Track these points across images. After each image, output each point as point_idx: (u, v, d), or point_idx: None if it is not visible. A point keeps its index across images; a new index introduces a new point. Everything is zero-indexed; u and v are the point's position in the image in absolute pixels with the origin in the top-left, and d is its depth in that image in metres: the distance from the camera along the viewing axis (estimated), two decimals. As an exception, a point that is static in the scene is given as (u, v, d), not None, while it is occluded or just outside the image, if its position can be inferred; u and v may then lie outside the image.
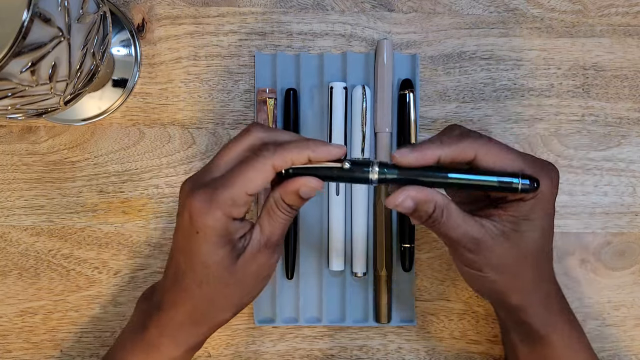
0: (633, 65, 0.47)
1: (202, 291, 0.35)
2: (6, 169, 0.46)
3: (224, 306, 0.36)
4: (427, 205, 0.34)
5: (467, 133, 0.35)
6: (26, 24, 0.30)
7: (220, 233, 0.33)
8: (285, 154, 0.33)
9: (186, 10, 0.46)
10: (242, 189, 0.32)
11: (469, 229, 0.34)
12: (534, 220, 0.34)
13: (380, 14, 0.47)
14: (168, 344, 0.36)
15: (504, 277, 0.36)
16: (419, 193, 0.34)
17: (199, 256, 0.34)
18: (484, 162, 0.34)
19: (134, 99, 0.46)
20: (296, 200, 0.34)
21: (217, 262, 0.34)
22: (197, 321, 0.36)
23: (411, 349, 0.47)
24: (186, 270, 0.35)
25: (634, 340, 0.47)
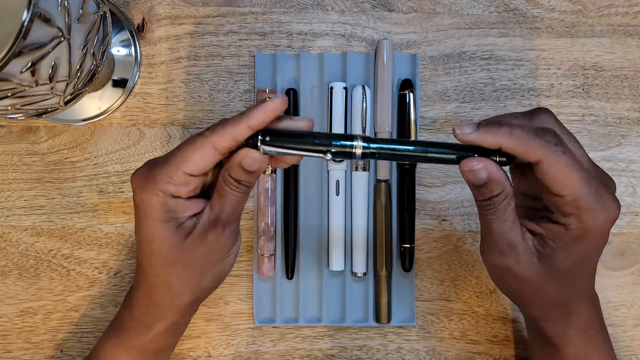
0: (633, 65, 0.47)
1: (153, 269, 0.35)
2: (6, 169, 0.46)
3: (179, 288, 0.36)
4: (497, 187, 0.32)
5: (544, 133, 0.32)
6: (26, 24, 0.30)
7: (159, 209, 0.33)
8: (223, 130, 0.32)
9: (186, 10, 0.46)
10: (179, 167, 0.32)
11: (511, 232, 0.33)
12: (572, 252, 0.33)
13: (380, 14, 0.47)
14: (136, 327, 0.37)
15: (526, 289, 0.35)
16: (497, 171, 0.32)
17: (142, 231, 0.34)
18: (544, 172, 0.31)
19: (134, 99, 0.46)
20: (242, 174, 0.33)
21: (160, 237, 0.33)
22: (157, 303, 0.36)
23: (411, 349, 0.47)
24: (139, 249, 0.35)
25: (634, 340, 0.47)
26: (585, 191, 0.31)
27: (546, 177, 0.31)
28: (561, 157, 0.31)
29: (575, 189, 0.31)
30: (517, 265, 0.33)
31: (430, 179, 0.47)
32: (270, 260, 0.45)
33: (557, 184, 0.31)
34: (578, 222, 0.32)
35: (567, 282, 0.35)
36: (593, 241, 0.33)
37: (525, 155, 0.31)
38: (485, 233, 0.34)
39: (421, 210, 0.47)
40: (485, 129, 0.31)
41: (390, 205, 0.46)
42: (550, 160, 0.31)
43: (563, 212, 0.32)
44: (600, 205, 0.32)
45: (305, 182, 0.46)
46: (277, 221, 0.46)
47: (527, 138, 0.31)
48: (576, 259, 0.33)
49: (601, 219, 0.32)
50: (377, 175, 0.46)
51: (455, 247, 0.47)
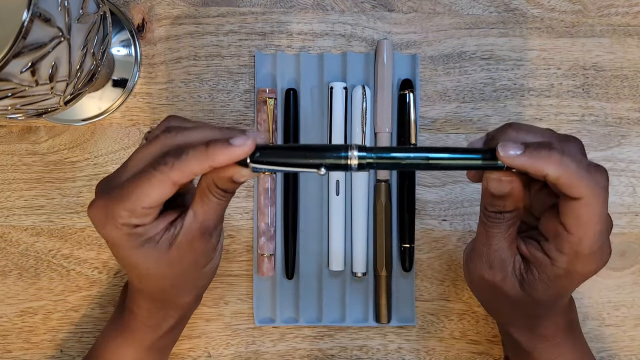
0: (633, 65, 0.47)
1: (147, 284, 0.35)
2: (6, 169, 0.46)
3: (178, 292, 0.36)
4: (513, 204, 0.31)
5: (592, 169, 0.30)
6: (26, 24, 0.30)
7: (128, 239, 0.32)
8: (184, 167, 0.30)
9: (186, 10, 0.46)
10: (138, 203, 0.30)
11: (507, 250, 0.33)
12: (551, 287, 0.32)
13: (380, 14, 0.47)
14: (142, 328, 0.37)
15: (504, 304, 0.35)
16: (520, 189, 0.31)
17: (122, 260, 0.33)
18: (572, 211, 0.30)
19: (134, 99, 0.46)
20: (230, 185, 0.32)
21: (142, 261, 0.33)
22: (160, 307, 0.37)
23: (411, 349, 0.47)
24: (128, 272, 0.35)
25: (634, 340, 0.47)
26: (591, 240, 0.30)
27: (572, 214, 0.30)
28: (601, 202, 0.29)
29: (587, 236, 0.30)
30: (503, 282, 0.33)
31: (430, 179, 0.47)
32: (270, 260, 0.45)
33: (576, 224, 0.30)
34: (567, 264, 0.31)
35: (542, 305, 0.35)
36: (574, 282, 0.33)
37: (566, 189, 0.29)
38: (481, 243, 0.34)
39: (421, 210, 0.47)
40: (534, 153, 0.29)
41: (390, 205, 0.46)
42: (590, 202, 0.29)
43: (560, 248, 0.31)
44: (595, 256, 0.31)
45: (305, 182, 0.46)
46: (277, 221, 0.46)
47: (577, 172, 0.29)
48: (555, 293, 0.33)
49: (590, 268, 0.32)
50: (377, 175, 0.46)
51: (455, 247, 0.47)
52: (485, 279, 0.34)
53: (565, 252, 0.31)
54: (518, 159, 0.29)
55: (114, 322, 0.40)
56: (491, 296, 0.36)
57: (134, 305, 0.37)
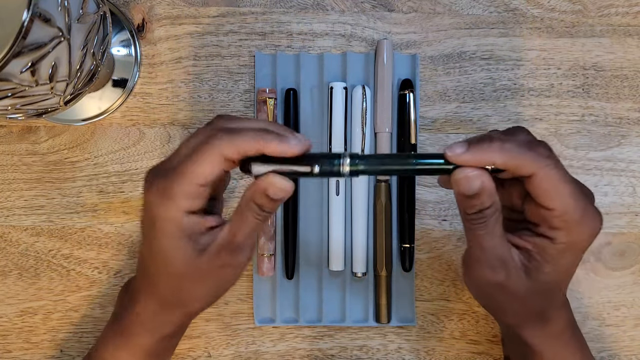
0: (633, 65, 0.47)
1: (166, 281, 0.34)
2: (6, 169, 0.46)
3: (191, 298, 0.36)
4: (489, 198, 0.31)
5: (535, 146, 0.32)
6: (26, 24, 0.30)
7: (176, 226, 0.32)
8: (236, 143, 0.31)
9: (186, 10, 0.46)
10: (193, 180, 0.31)
11: (501, 247, 0.33)
12: (558, 265, 0.33)
13: (380, 14, 0.47)
14: (142, 332, 0.37)
15: (511, 302, 0.35)
16: (491, 183, 0.31)
17: (158, 247, 0.33)
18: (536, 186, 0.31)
19: (134, 99, 0.46)
20: (267, 202, 0.32)
21: (175, 254, 0.33)
22: (167, 308, 0.36)
23: (411, 349, 0.47)
24: (149, 260, 0.35)
25: (634, 340, 0.47)
26: (573, 205, 0.31)
27: (538, 190, 0.31)
28: (553, 170, 0.31)
29: (565, 203, 0.31)
30: (508, 280, 0.33)
31: (430, 179, 0.47)
32: (270, 260, 0.45)
33: (548, 198, 0.31)
34: (565, 236, 0.32)
35: (550, 293, 0.35)
36: (577, 253, 0.33)
37: (517, 170, 0.31)
38: (474, 249, 0.34)
39: (421, 210, 0.47)
40: (476, 146, 0.31)
41: (390, 205, 0.46)
42: (543, 174, 0.31)
43: (551, 225, 0.32)
44: (586, 220, 0.32)
45: (305, 182, 0.46)
46: (277, 221, 0.46)
47: (519, 151, 0.31)
48: (560, 271, 0.34)
49: (586, 233, 0.32)
50: (377, 175, 0.46)
51: (455, 247, 0.47)
52: (491, 282, 0.34)
53: (558, 226, 0.32)
54: (464, 155, 0.31)
55: (114, 324, 0.39)
56: (499, 298, 0.35)
57: (138, 305, 0.37)
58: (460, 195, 0.32)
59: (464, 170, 0.31)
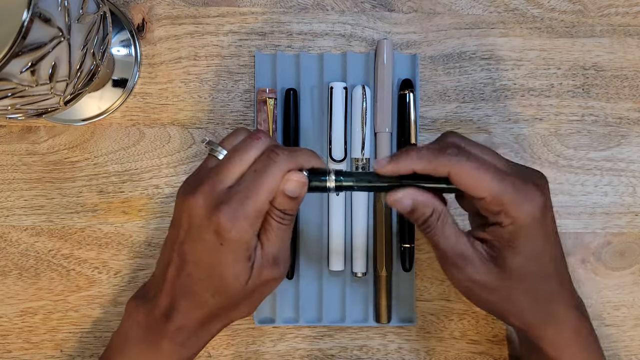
0: (633, 65, 0.47)
1: (215, 301, 0.35)
2: (6, 169, 0.46)
3: (237, 312, 0.36)
4: (425, 209, 0.34)
5: (446, 147, 0.34)
6: (26, 24, 0.30)
7: (245, 247, 0.33)
8: (298, 159, 0.34)
9: (186, 10, 0.46)
10: (266, 198, 0.33)
11: (458, 245, 0.34)
12: (516, 247, 0.34)
13: (380, 14, 0.47)
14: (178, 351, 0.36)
15: (496, 299, 0.35)
16: (420, 195, 0.34)
17: (219, 268, 0.34)
18: (456, 181, 0.33)
19: (134, 99, 0.46)
20: (286, 202, 0.34)
21: (236, 275, 0.34)
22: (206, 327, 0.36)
23: (411, 349, 0.47)
24: (200, 279, 0.34)
25: (634, 340, 0.47)
26: (501, 186, 0.33)
27: (461, 185, 0.33)
28: (465, 163, 0.33)
29: (490, 188, 0.33)
30: (476, 274, 0.34)
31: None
32: (270, 260, 0.45)
33: (471, 188, 0.33)
34: (507, 217, 0.33)
35: (530, 283, 0.35)
36: (531, 232, 0.34)
37: (436, 172, 0.33)
38: (437, 253, 0.36)
39: (421, 210, 0.47)
40: (396, 158, 0.34)
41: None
42: (456, 169, 0.33)
43: (491, 211, 0.34)
44: (522, 196, 0.33)
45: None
46: (277, 221, 0.46)
47: (431, 155, 0.33)
48: (524, 254, 0.34)
49: (528, 208, 0.33)
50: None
51: (455, 247, 0.47)
52: (464, 280, 0.35)
53: (497, 210, 0.33)
54: (387, 167, 0.34)
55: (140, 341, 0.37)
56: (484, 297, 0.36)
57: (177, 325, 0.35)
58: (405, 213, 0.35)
59: (394, 194, 0.34)
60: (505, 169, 0.34)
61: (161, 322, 0.36)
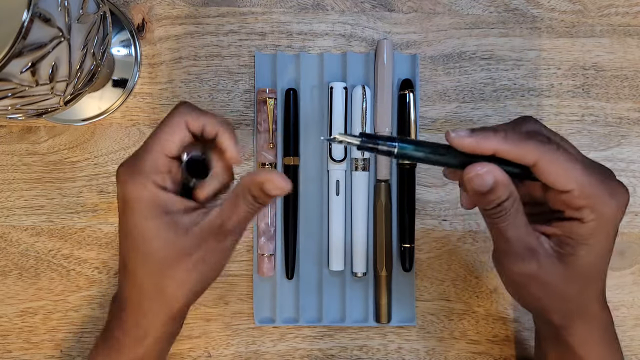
0: (633, 65, 0.47)
1: (146, 271, 0.33)
2: (6, 169, 0.46)
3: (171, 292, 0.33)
4: (505, 191, 0.31)
5: (535, 133, 0.32)
6: (26, 24, 0.30)
7: (150, 203, 0.32)
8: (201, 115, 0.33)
9: (186, 10, 0.46)
10: (161, 151, 0.32)
11: (527, 236, 0.32)
12: (592, 245, 0.32)
13: (380, 14, 0.47)
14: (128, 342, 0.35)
15: (549, 295, 0.34)
16: (503, 175, 0.31)
17: (133, 229, 0.32)
18: (544, 171, 0.31)
19: (134, 99, 0.46)
20: (262, 195, 0.32)
21: (153, 234, 0.32)
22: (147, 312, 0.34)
23: (411, 349, 0.47)
24: (127, 251, 0.33)
25: (634, 340, 0.47)
26: (589, 181, 0.31)
27: (548, 176, 0.31)
28: (556, 153, 0.31)
29: (579, 181, 0.31)
30: (540, 270, 0.33)
31: (430, 179, 0.47)
32: (270, 260, 0.45)
33: (560, 180, 0.31)
34: (592, 213, 0.32)
35: (587, 282, 0.34)
36: (609, 230, 0.33)
37: (521, 158, 0.31)
38: (500, 242, 0.33)
39: (421, 210, 0.47)
40: (480, 133, 0.31)
41: (390, 205, 0.46)
42: (546, 158, 0.31)
43: (575, 206, 0.32)
44: (609, 192, 0.32)
45: (305, 182, 0.46)
46: (277, 221, 0.46)
47: (520, 140, 0.31)
48: (596, 252, 0.33)
49: (613, 205, 0.32)
50: (377, 175, 0.46)
51: (455, 247, 0.47)
52: (523, 274, 0.33)
53: (582, 205, 0.32)
54: (466, 139, 0.31)
55: (104, 334, 0.37)
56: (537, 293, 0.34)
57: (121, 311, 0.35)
58: (475, 193, 0.32)
59: (474, 167, 0.31)
60: (589, 164, 0.33)
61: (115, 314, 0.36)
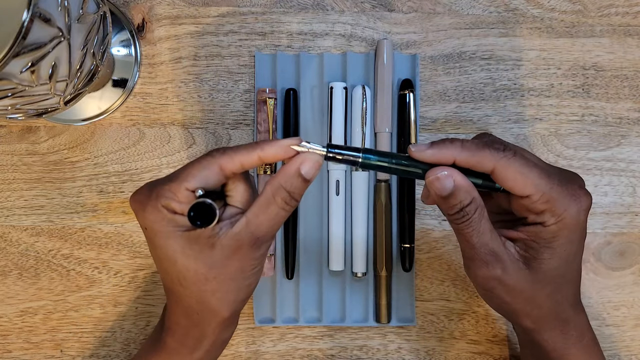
0: (633, 65, 0.47)
1: (186, 290, 0.33)
2: (6, 169, 0.46)
3: (217, 304, 0.34)
4: (466, 195, 0.32)
5: (492, 143, 0.33)
6: (26, 24, 0.30)
7: (167, 224, 0.31)
8: (234, 155, 0.32)
9: (186, 10, 0.46)
10: (182, 183, 0.31)
11: (491, 242, 0.33)
12: (556, 248, 0.33)
13: (380, 14, 0.47)
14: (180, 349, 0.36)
15: (518, 300, 0.34)
16: (464, 180, 0.32)
17: (160, 252, 0.32)
18: (502, 177, 0.32)
19: (134, 99, 0.46)
20: (297, 184, 0.32)
21: (180, 254, 0.32)
22: (197, 323, 0.35)
23: (411, 349, 0.47)
24: (164, 274, 0.34)
25: (634, 340, 0.47)
26: (548, 185, 0.32)
27: (506, 182, 0.32)
28: (512, 159, 0.32)
29: (537, 185, 0.32)
30: (505, 274, 0.33)
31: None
32: (270, 260, 0.45)
33: (518, 185, 0.32)
34: (552, 216, 0.32)
35: (556, 286, 0.35)
36: (572, 234, 0.33)
37: (479, 165, 0.32)
38: (466, 248, 0.34)
39: (421, 210, 0.47)
40: (438, 145, 0.32)
41: (390, 205, 0.46)
42: (503, 165, 0.32)
43: (536, 210, 0.33)
44: (569, 196, 0.32)
45: (305, 182, 0.46)
46: (277, 221, 0.46)
47: (477, 149, 0.32)
48: (560, 256, 0.33)
49: (574, 209, 0.33)
50: (377, 175, 0.46)
51: (455, 247, 0.47)
52: (489, 278, 0.34)
53: (542, 209, 0.32)
54: (427, 151, 0.32)
55: (153, 343, 0.37)
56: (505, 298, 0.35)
57: (170, 322, 0.35)
58: (437, 197, 0.33)
59: (435, 171, 0.32)
60: (548, 169, 0.33)
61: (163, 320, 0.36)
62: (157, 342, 0.37)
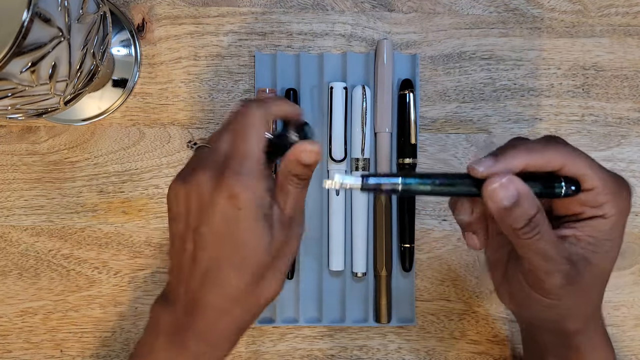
0: (633, 65, 0.47)
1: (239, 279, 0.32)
2: (6, 169, 0.46)
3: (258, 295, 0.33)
4: (532, 203, 0.29)
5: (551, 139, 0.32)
6: (26, 24, 0.30)
7: (260, 203, 0.31)
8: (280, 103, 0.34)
9: (186, 10, 0.46)
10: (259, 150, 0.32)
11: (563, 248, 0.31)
12: (615, 239, 0.32)
13: (380, 14, 0.47)
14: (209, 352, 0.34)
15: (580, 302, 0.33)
16: (524, 186, 0.29)
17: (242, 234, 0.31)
18: (573, 172, 0.31)
19: (134, 99, 0.46)
20: (302, 169, 0.32)
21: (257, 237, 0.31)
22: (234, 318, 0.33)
23: (411, 349, 0.47)
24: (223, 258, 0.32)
25: (634, 340, 0.47)
26: (608, 178, 0.32)
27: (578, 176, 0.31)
28: (577, 152, 0.31)
29: (601, 179, 0.31)
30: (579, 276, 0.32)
31: (430, 179, 0.47)
32: (270, 260, 0.45)
33: (585, 180, 0.31)
34: (614, 207, 0.32)
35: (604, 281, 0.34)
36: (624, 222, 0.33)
37: (548, 166, 0.30)
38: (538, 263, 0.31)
39: (421, 210, 0.47)
40: (504, 154, 0.30)
41: (390, 205, 0.46)
42: (572, 161, 0.31)
43: (596, 203, 0.31)
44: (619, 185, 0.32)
45: (305, 182, 0.46)
46: (277, 221, 0.46)
47: (543, 149, 0.31)
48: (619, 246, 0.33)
49: (627, 198, 0.32)
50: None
51: (455, 247, 0.47)
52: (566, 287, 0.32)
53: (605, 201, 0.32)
54: (495, 166, 0.30)
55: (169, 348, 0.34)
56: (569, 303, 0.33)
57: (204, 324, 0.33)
58: (499, 210, 0.29)
59: (494, 180, 0.29)
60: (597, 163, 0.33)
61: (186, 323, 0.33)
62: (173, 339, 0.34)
